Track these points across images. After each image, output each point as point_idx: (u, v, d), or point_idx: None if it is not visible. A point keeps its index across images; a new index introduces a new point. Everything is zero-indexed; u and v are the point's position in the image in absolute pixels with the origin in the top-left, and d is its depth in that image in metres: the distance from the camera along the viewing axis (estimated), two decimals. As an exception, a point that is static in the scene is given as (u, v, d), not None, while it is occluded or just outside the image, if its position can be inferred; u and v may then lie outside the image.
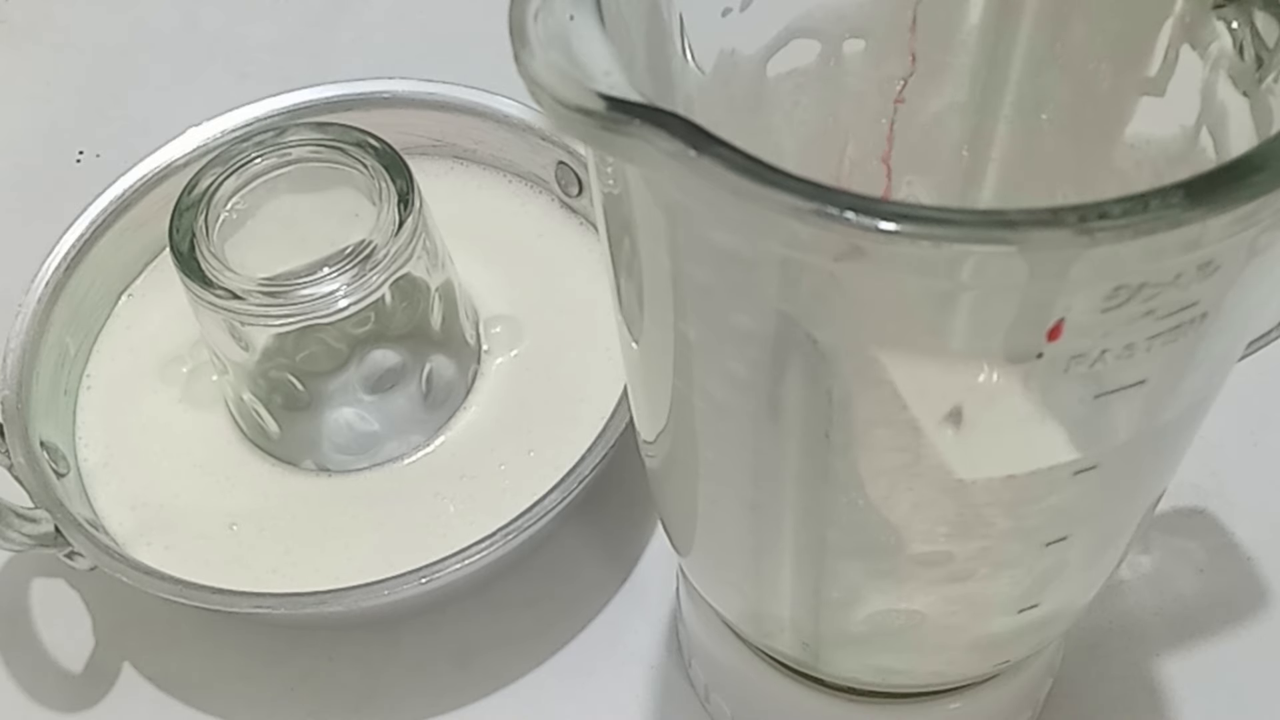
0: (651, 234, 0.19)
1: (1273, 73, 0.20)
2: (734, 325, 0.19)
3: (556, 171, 0.41)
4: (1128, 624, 0.35)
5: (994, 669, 0.28)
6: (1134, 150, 0.23)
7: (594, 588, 0.37)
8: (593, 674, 0.35)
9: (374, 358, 0.37)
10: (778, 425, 0.20)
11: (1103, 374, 0.18)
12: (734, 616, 0.28)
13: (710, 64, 0.24)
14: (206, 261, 0.34)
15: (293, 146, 0.36)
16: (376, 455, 0.37)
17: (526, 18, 0.17)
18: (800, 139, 0.26)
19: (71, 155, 0.48)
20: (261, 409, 0.37)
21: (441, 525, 0.36)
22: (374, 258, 0.34)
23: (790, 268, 0.17)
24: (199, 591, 0.33)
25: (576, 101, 0.16)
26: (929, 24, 0.25)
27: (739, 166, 0.15)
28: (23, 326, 0.37)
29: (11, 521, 0.33)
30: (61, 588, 0.37)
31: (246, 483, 0.37)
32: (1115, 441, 0.20)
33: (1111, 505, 0.22)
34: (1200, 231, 0.15)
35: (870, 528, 0.22)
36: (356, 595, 0.32)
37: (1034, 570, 0.23)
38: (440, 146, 0.42)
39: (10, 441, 0.35)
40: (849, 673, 0.28)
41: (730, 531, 0.25)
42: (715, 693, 0.33)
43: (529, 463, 0.36)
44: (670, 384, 0.22)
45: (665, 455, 0.24)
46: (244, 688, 0.36)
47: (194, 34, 0.52)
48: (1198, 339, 0.18)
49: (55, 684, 0.36)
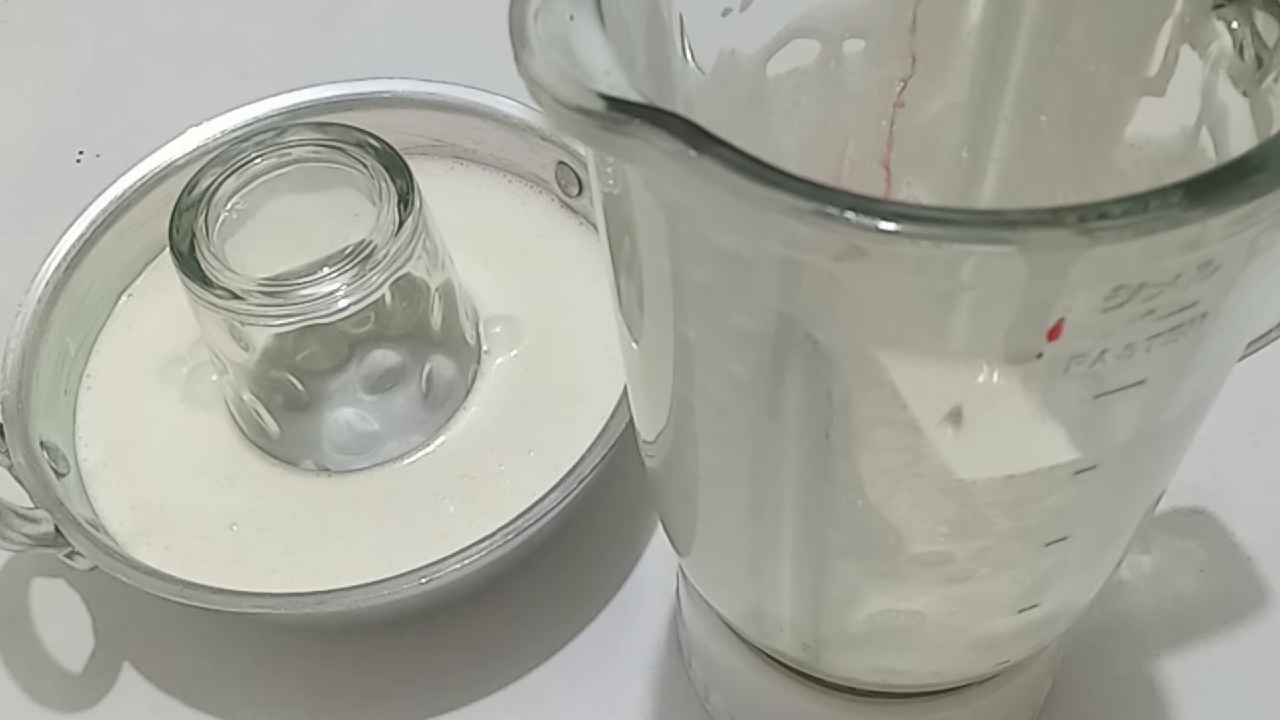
0: (651, 234, 0.19)
1: (1273, 73, 0.20)
2: (734, 326, 0.19)
3: (556, 171, 0.41)
4: (1128, 624, 0.35)
5: (994, 669, 0.28)
6: (1134, 150, 0.23)
7: (594, 588, 0.37)
8: (593, 674, 0.35)
9: (374, 358, 0.37)
10: (778, 426, 0.20)
11: (1103, 374, 0.18)
12: (734, 616, 0.28)
13: (710, 64, 0.24)
14: (206, 261, 0.34)
15: (293, 146, 0.36)
16: (376, 455, 0.37)
17: (526, 18, 0.17)
18: (800, 139, 0.26)
19: (71, 155, 0.48)
20: (261, 409, 0.37)
21: (441, 525, 0.36)
22: (374, 258, 0.34)
23: (790, 268, 0.17)
24: (199, 591, 0.33)
25: (576, 101, 0.16)
26: (929, 24, 0.25)
27: (739, 166, 0.15)
28: (23, 326, 0.37)
29: (11, 521, 0.33)
30: (61, 588, 0.37)
31: (246, 483, 0.37)
32: (1115, 441, 0.20)
33: (1111, 505, 0.22)
34: (1200, 231, 0.15)
35: (870, 528, 0.22)
36: (356, 595, 0.32)
37: (1034, 570, 0.23)
38: (440, 146, 0.42)
39: (10, 441, 0.35)
40: (849, 673, 0.28)
41: (730, 531, 0.25)
42: (715, 693, 0.33)
43: (529, 463, 0.36)
44: (670, 384, 0.22)
45: (665, 455, 0.24)
46: (244, 688, 0.36)
47: (194, 34, 0.52)
48: (1198, 339, 0.18)
49: (55, 684, 0.36)
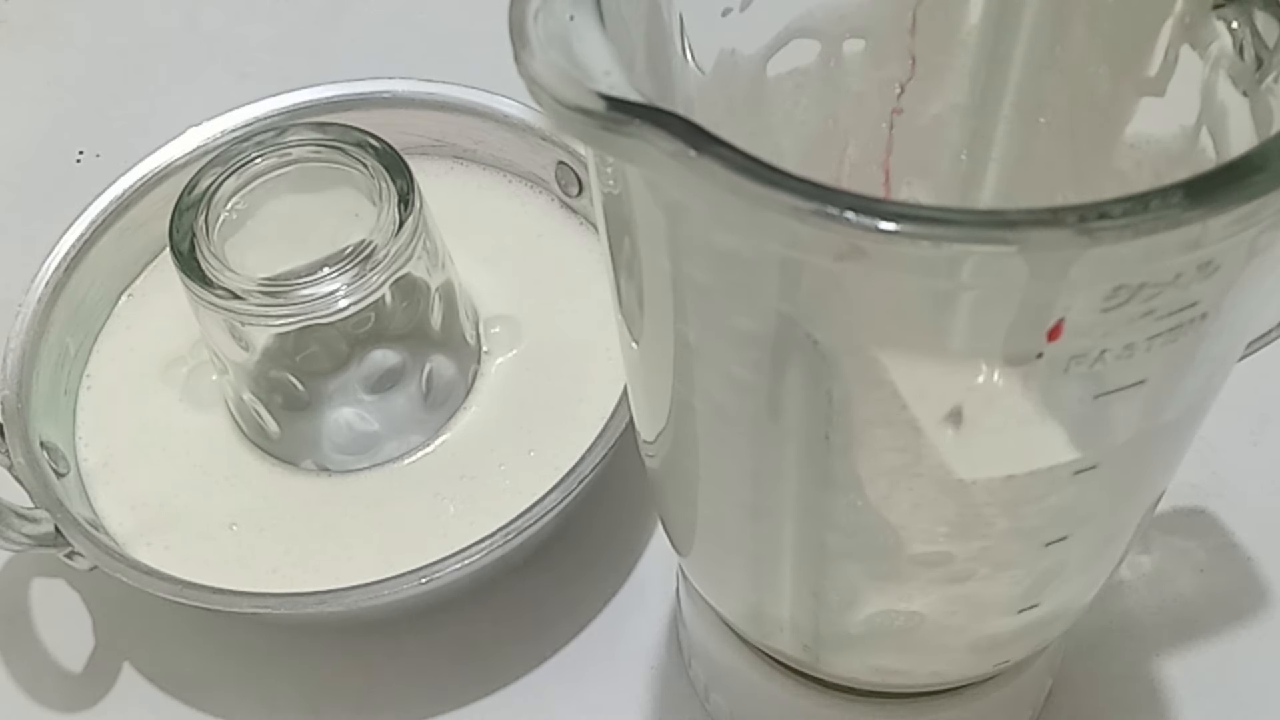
0: (651, 234, 0.19)
1: (1273, 73, 0.20)
2: (734, 326, 0.19)
3: (556, 171, 0.41)
4: (1128, 624, 0.35)
5: (994, 669, 0.28)
6: (1134, 150, 0.23)
7: (594, 588, 0.37)
8: (593, 674, 0.35)
9: (374, 358, 0.37)
10: (778, 426, 0.20)
11: (1103, 374, 0.18)
12: (734, 616, 0.28)
13: (710, 64, 0.24)
14: (206, 261, 0.34)
15: (293, 146, 0.36)
16: (376, 455, 0.37)
17: (526, 18, 0.17)
18: (800, 139, 0.26)
19: (71, 155, 0.48)
20: (261, 409, 0.37)
21: (441, 525, 0.36)
22: (374, 258, 0.34)
23: (790, 268, 0.17)
24: (199, 591, 0.33)
25: (576, 101, 0.16)
26: (929, 25, 0.25)
27: (739, 166, 0.15)
28: (23, 326, 0.37)
29: (11, 521, 0.33)
30: (61, 588, 0.37)
31: (246, 483, 0.37)
32: (1115, 441, 0.20)
33: (1111, 505, 0.22)
34: (1200, 231, 0.15)
35: (870, 528, 0.22)
36: (356, 595, 0.32)
37: (1034, 570, 0.23)
38: (440, 146, 0.42)
39: (10, 441, 0.35)
40: (849, 673, 0.28)
41: (730, 532, 0.25)
42: (715, 693, 0.33)
43: (529, 463, 0.36)
44: (670, 384, 0.22)
45: (665, 455, 0.24)
46: (244, 688, 0.36)
47: (194, 34, 0.52)
48: (1198, 339, 0.18)
49: (55, 684, 0.36)
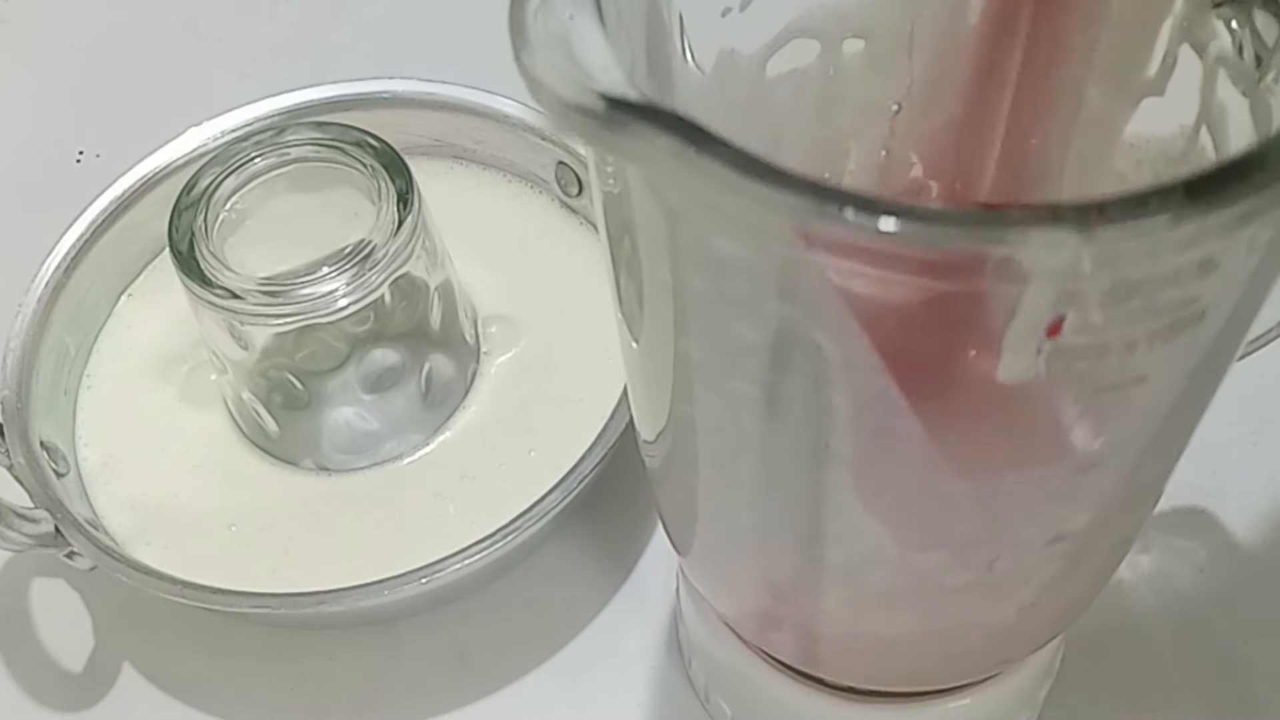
0: (651, 235, 0.19)
1: (1272, 72, 0.20)
2: (734, 330, 0.19)
3: (556, 171, 0.41)
4: (1128, 624, 0.35)
5: (994, 669, 0.28)
6: (1134, 150, 0.23)
7: (594, 587, 0.37)
8: (593, 674, 0.35)
9: (373, 357, 0.37)
10: (778, 430, 0.20)
11: (1102, 371, 0.18)
12: (734, 616, 0.28)
13: (710, 64, 0.24)
14: (206, 261, 0.34)
15: (292, 146, 0.36)
16: (376, 455, 0.37)
17: (526, 17, 0.17)
18: (800, 139, 0.26)
19: (71, 155, 0.48)
20: (261, 408, 0.37)
21: (441, 525, 0.36)
22: (373, 257, 0.34)
23: (790, 268, 0.17)
24: (199, 591, 0.33)
25: (576, 101, 0.16)
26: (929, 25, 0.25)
27: (739, 164, 0.15)
28: (23, 326, 0.37)
29: (11, 521, 0.33)
30: (61, 588, 0.37)
31: (246, 483, 0.37)
32: (1115, 440, 0.20)
33: (1111, 504, 0.22)
34: (1200, 230, 0.15)
35: (871, 532, 0.22)
36: (356, 595, 0.32)
37: (1034, 570, 0.23)
38: (440, 146, 0.42)
39: (10, 441, 0.35)
40: (849, 673, 0.28)
41: (730, 532, 0.25)
42: (715, 693, 0.33)
43: (529, 463, 0.36)
44: (670, 384, 0.22)
45: (665, 455, 0.24)
46: (244, 688, 0.36)
47: (194, 34, 0.52)
48: (1197, 336, 0.18)
49: (55, 684, 0.36)
